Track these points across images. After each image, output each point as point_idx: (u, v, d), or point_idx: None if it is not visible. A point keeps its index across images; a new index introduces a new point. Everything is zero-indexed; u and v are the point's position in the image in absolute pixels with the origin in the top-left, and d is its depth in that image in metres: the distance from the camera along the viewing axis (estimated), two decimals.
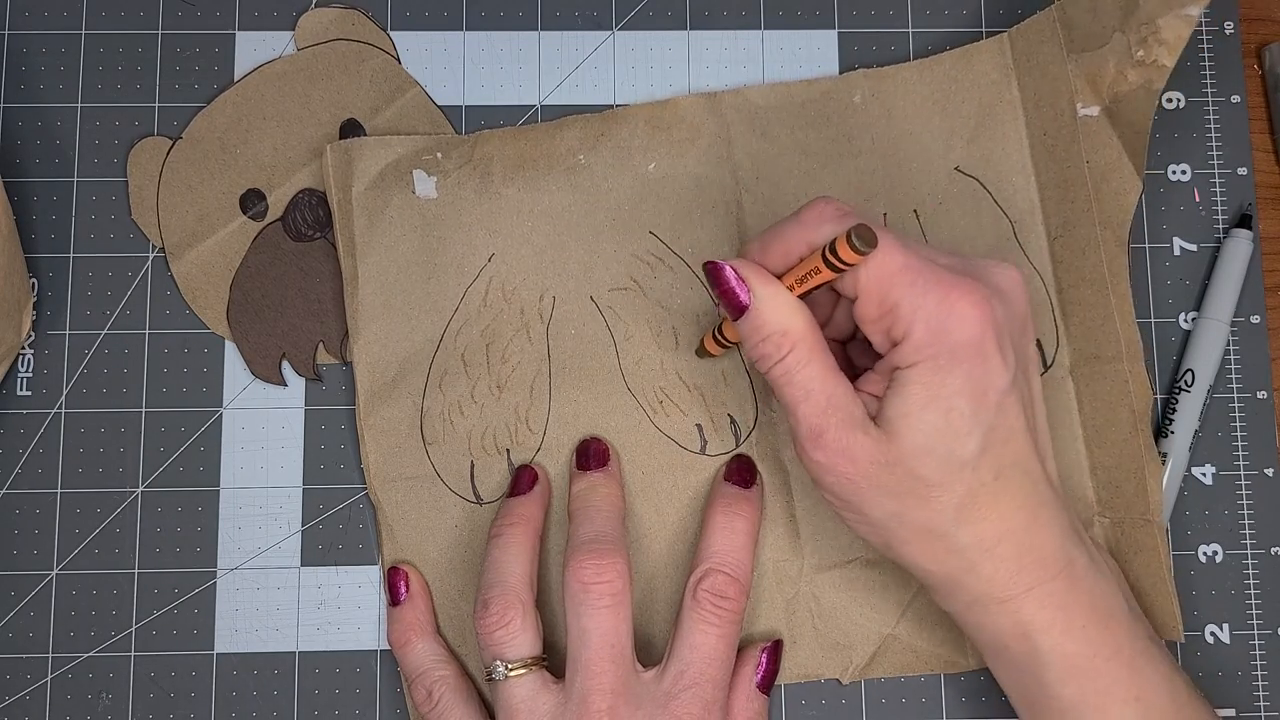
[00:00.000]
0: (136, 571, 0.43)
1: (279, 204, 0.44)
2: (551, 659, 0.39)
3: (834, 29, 0.46)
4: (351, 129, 0.45)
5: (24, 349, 0.44)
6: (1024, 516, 0.35)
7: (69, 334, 0.44)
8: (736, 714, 0.39)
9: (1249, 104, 0.46)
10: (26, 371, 0.44)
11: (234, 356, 0.44)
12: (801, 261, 0.35)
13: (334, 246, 0.44)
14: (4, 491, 0.43)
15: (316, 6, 0.46)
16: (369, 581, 0.43)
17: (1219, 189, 0.45)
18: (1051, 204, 0.43)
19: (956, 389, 0.34)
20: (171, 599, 0.43)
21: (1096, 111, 0.42)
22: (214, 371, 0.44)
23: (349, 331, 0.43)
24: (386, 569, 0.42)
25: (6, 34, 0.45)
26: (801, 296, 0.35)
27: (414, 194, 0.44)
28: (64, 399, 0.43)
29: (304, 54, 0.45)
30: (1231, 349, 0.44)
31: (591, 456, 0.42)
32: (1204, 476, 0.44)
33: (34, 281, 0.44)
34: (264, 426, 0.44)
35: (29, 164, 0.45)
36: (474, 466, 0.43)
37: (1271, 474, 0.44)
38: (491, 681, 0.38)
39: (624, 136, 0.44)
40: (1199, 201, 0.45)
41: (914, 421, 0.34)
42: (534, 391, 0.43)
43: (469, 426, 0.43)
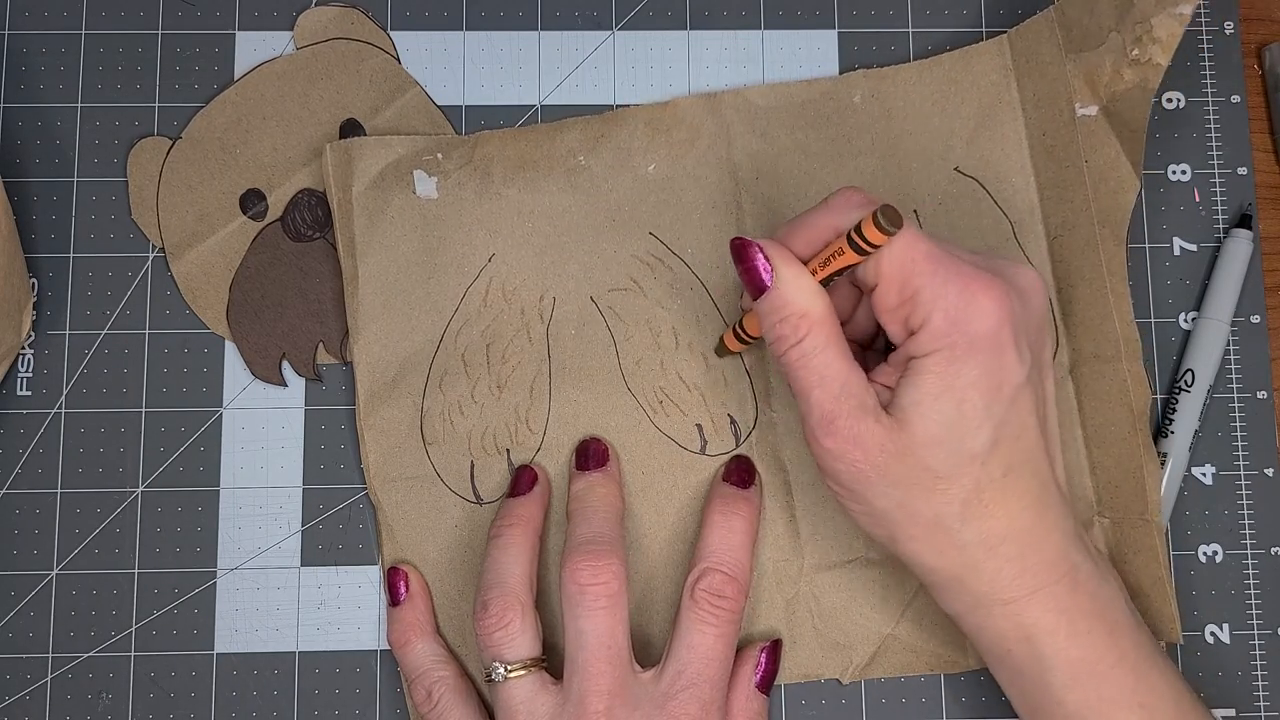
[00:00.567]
0: (136, 571, 0.43)
1: (279, 204, 0.44)
2: (551, 660, 0.39)
3: (834, 29, 0.46)
4: (351, 129, 0.45)
5: (24, 349, 0.44)
6: (1030, 517, 0.35)
7: (69, 334, 0.44)
8: (736, 714, 0.39)
9: (1249, 104, 0.46)
10: (26, 371, 0.44)
11: (234, 356, 0.44)
12: (826, 247, 0.35)
13: (334, 247, 0.44)
14: (4, 491, 0.43)
15: (316, 6, 0.46)
16: (369, 581, 0.43)
17: (1219, 189, 0.45)
18: (1051, 204, 0.43)
19: (971, 381, 0.34)
20: (171, 599, 0.43)
21: (1095, 111, 0.42)
22: (214, 371, 0.44)
23: (349, 331, 0.43)
24: (386, 569, 0.42)
25: (6, 34, 0.45)
26: (823, 283, 0.35)
27: (414, 194, 0.44)
28: (64, 399, 0.43)
29: (303, 53, 0.45)
30: (1231, 349, 0.44)
31: (591, 456, 0.42)
32: (1204, 476, 0.44)
33: (34, 281, 0.44)
34: (264, 426, 0.44)
35: (29, 164, 0.45)
36: (474, 467, 0.43)
37: (1271, 474, 0.44)
38: (491, 683, 0.38)
39: (624, 138, 0.44)
40: (1199, 201, 0.45)
41: (926, 411, 0.34)
42: (534, 392, 0.43)
43: (469, 427, 0.43)
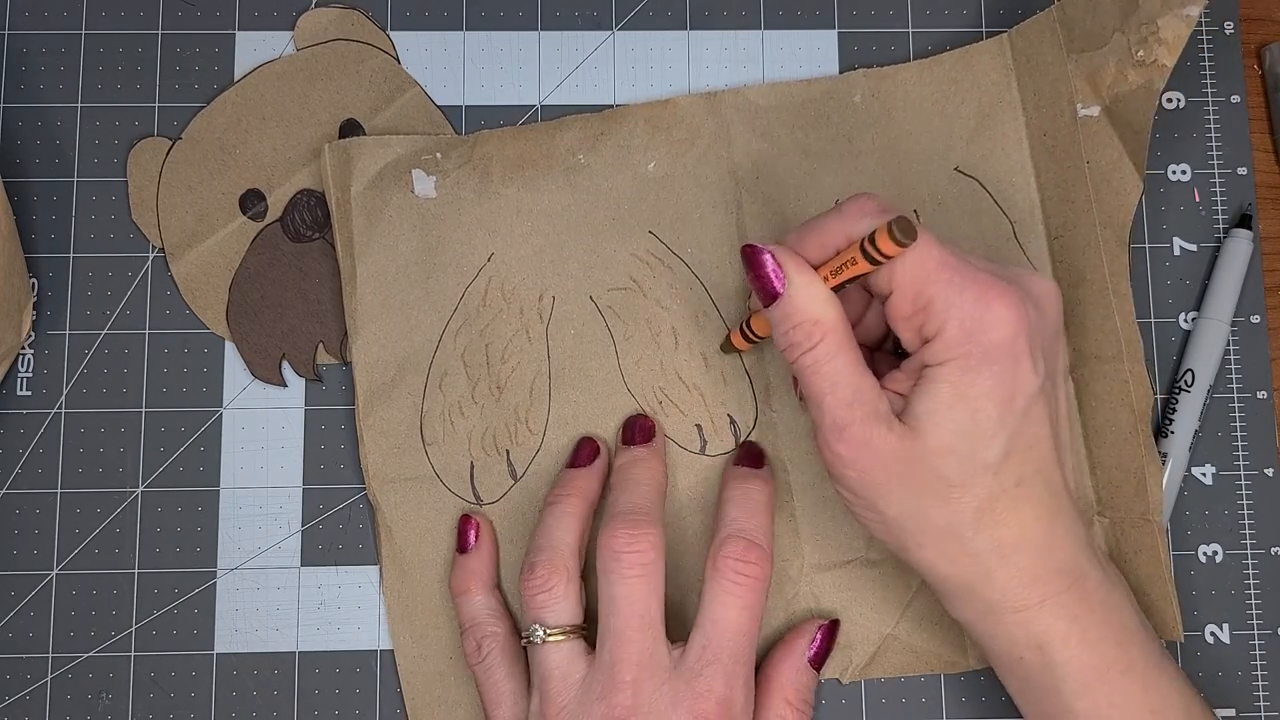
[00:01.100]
0: (136, 571, 0.43)
1: (278, 204, 0.44)
2: (593, 631, 0.39)
3: (834, 29, 0.46)
4: (351, 129, 0.45)
5: (24, 349, 0.44)
6: (1042, 526, 0.35)
7: (69, 334, 0.44)
8: (785, 685, 0.39)
9: (1249, 104, 0.46)
10: (26, 371, 0.44)
11: (234, 356, 0.44)
12: (838, 254, 0.35)
13: (333, 247, 0.44)
14: (4, 491, 0.43)
15: (316, 6, 0.46)
16: (369, 581, 0.43)
17: (1219, 189, 0.45)
18: (1052, 204, 0.43)
19: (985, 390, 0.34)
20: (171, 599, 0.43)
21: (1097, 111, 0.42)
22: (214, 371, 0.44)
23: (348, 331, 0.43)
24: (459, 516, 0.42)
25: (6, 34, 0.45)
26: (835, 290, 0.35)
27: (413, 194, 0.44)
28: (64, 399, 0.43)
29: (303, 54, 0.45)
30: (1231, 349, 0.44)
31: (637, 431, 0.42)
32: (1204, 476, 0.44)
33: (34, 281, 0.44)
34: (264, 426, 0.44)
35: (29, 164, 0.45)
36: (474, 467, 0.43)
37: (1271, 474, 0.44)
38: (529, 644, 0.38)
39: (623, 136, 0.44)
40: (1199, 201, 0.45)
41: (940, 420, 0.34)
42: (534, 392, 0.43)
43: (469, 427, 0.43)
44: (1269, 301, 0.45)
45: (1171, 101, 0.46)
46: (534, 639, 0.38)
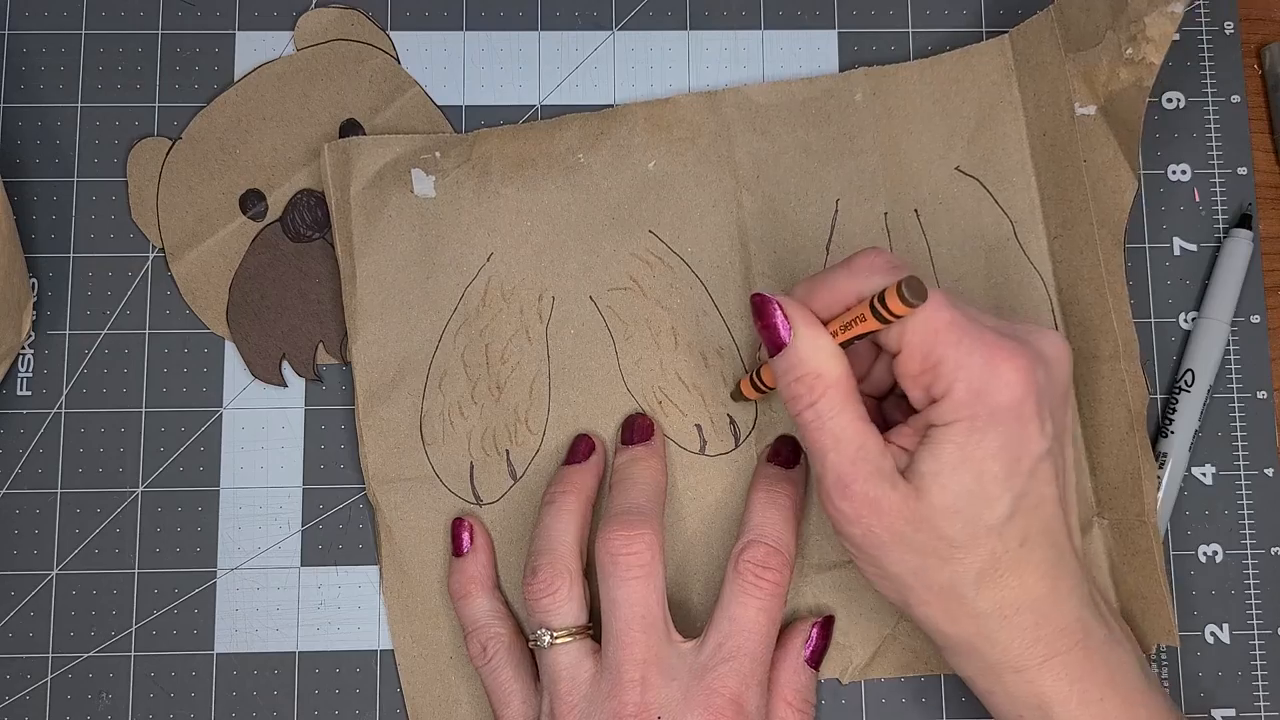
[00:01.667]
0: (136, 571, 0.43)
1: (278, 204, 0.44)
2: (598, 629, 0.39)
3: (834, 29, 0.46)
4: (351, 129, 0.45)
5: (24, 349, 0.44)
6: (1045, 585, 0.35)
7: (69, 334, 0.44)
8: (784, 686, 0.39)
9: (1249, 104, 0.46)
10: (26, 371, 0.44)
11: (234, 357, 0.44)
12: (847, 310, 0.35)
13: (333, 247, 0.44)
14: (4, 491, 0.43)
15: (316, 6, 0.46)
16: (369, 581, 0.43)
17: (1219, 189, 0.45)
18: (1051, 203, 0.43)
19: (991, 452, 0.34)
20: (171, 599, 0.43)
21: (1093, 110, 0.42)
22: (214, 371, 0.44)
23: (348, 331, 0.43)
24: (451, 520, 0.42)
25: (6, 34, 0.45)
26: (843, 345, 0.35)
27: (412, 193, 0.44)
28: (64, 399, 0.43)
29: (303, 54, 0.45)
30: (1231, 349, 0.44)
31: (636, 431, 0.42)
32: (1204, 476, 0.44)
33: (34, 281, 0.44)
34: (264, 426, 0.44)
35: (29, 164, 0.45)
36: (473, 467, 0.43)
37: (1271, 474, 0.44)
38: (536, 648, 0.38)
39: (623, 135, 0.44)
40: (1199, 201, 0.45)
41: (945, 481, 0.34)
42: (533, 392, 0.43)
43: (469, 427, 0.43)
44: (1269, 301, 0.45)
45: (1171, 101, 0.46)
46: (540, 643, 0.38)
